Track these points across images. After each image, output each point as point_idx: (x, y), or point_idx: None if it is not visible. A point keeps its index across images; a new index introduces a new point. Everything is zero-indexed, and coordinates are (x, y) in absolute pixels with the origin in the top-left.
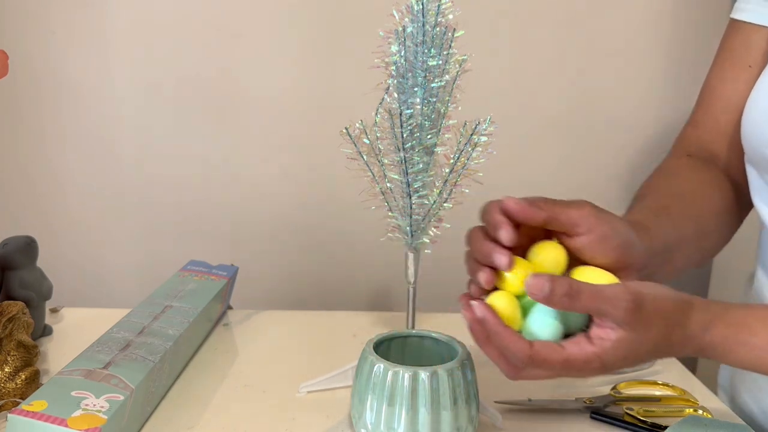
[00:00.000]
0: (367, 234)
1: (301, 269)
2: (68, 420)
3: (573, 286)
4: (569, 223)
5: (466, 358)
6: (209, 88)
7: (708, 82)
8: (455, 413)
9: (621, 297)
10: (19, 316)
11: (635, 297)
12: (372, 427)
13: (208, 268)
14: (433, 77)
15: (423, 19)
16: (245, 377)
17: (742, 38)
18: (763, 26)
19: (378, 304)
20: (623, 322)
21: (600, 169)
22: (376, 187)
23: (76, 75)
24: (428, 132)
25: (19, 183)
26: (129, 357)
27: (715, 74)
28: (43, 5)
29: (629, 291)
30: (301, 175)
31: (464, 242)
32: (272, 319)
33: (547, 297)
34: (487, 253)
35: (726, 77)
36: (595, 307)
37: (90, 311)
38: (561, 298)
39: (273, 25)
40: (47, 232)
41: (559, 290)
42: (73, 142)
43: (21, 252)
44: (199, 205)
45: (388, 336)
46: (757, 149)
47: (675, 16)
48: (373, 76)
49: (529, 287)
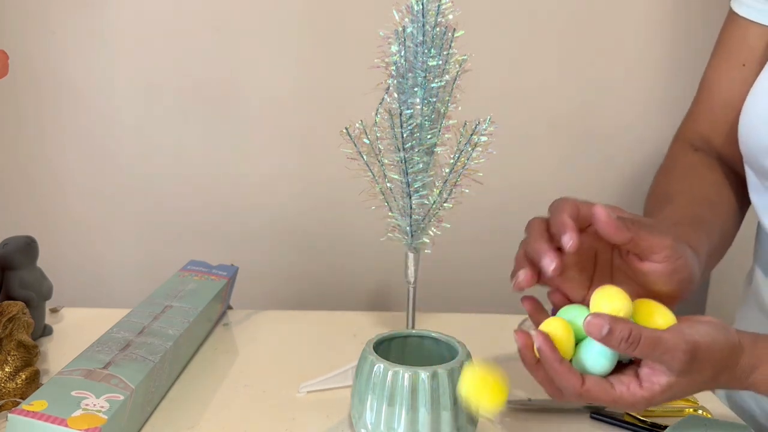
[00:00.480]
0: (367, 234)
1: (301, 269)
2: (68, 420)
3: (633, 332)
4: (648, 249)
5: (466, 358)
6: (209, 88)
7: (706, 74)
8: (455, 413)
9: (678, 348)
10: (19, 316)
11: (692, 348)
12: (372, 427)
13: (208, 268)
14: (433, 77)
15: (423, 19)
16: (245, 377)
17: (738, 33)
18: (759, 24)
19: (378, 304)
20: (677, 371)
21: (600, 168)
22: (376, 187)
23: (76, 75)
24: (428, 132)
25: (19, 183)
26: (129, 357)
27: (713, 67)
28: (43, 5)
29: (686, 341)
30: (302, 175)
31: (463, 245)
32: (272, 319)
33: (605, 339)
34: (540, 251)
35: (722, 71)
36: (653, 355)
37: (90, 311)
38: (620, 342)
39: (273, 26)
40: (47, 232)
41: (619, 335)
42: (73, 142)
43: (21, 252)
44: (199, 205)
45: (388, 336)
46: (754, 155)
47: (677, 16)
48: (373, 76)
49: (588, 326)
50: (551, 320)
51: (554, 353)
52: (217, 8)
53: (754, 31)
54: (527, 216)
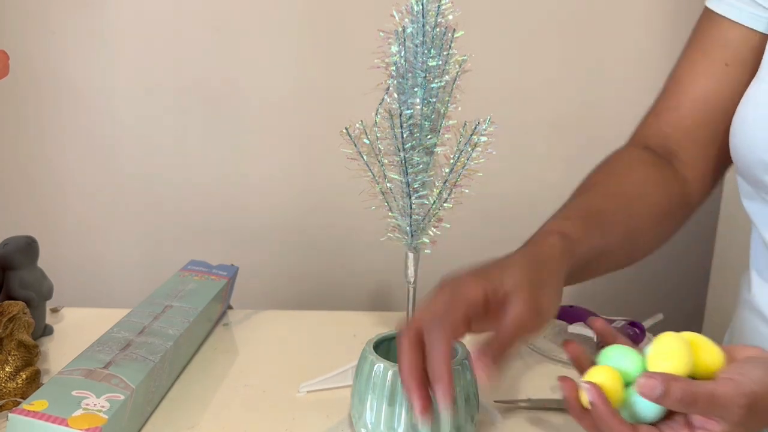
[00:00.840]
0: (367, 234)
1: (301, 269)
2: (69, 419)
3: (687, 392)
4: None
5: (466, 358)
6: (209, 88)
7: (676, 72)
8: (455, 413)
9: (735, 402)
10: (20, 316)
11: (750, 401)
12: (372, 427)
13: (209, 268)
14: (433, 77)
15: (423, 19)
16: (245, 377)
17: (718, 33)
18: (740, 24)
19: (378, 304)
20: (734, 423)
21: None
22: (376, 187)
23: (76, 75)
24: (428, 132)
25: (19, 183)
26: (129, 357)
27: (685, 66)
28: (43, 5)
29: (743, 393)
30: (301, 175)
31: (463, 245)
32: (272, 319)
33: (659, 400)
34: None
35: (697, 71)
36: (709, 412)
37: (90, 311)
38: (674, 402)
39: (273, 26)
40: (47, 232)
41: (674, 395)
42: (73, 142)
43: (21, 252)
44: (199, 205)
45: (388, 336)
46: (749, 168)
47: (677, 16)
48: (373, 76)
49: (641, 388)
50: (598, 369)
51: (608, 407)
52: (217, 8)
53: (735, 31)
54: (527, 216)
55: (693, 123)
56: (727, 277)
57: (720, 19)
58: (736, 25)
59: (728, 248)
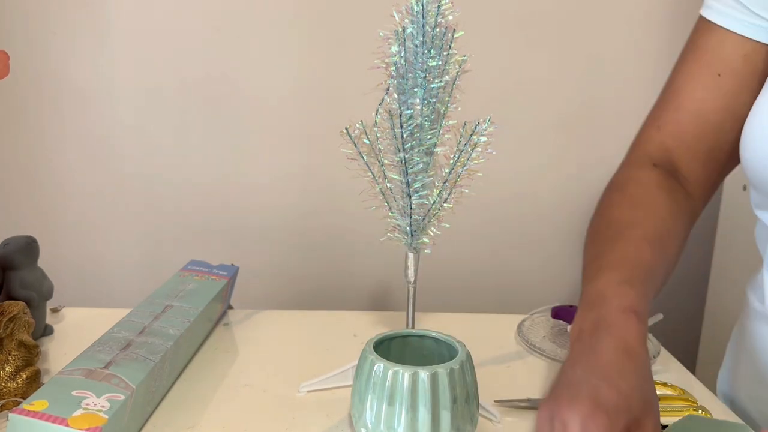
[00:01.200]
0: (367, 234)
1: (301, 269)
2: (69, 419)
3: None
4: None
5: (466, 358)
6: (209, 89)
7: (674, 80)
8: (455, 413)
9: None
10: (20, 316)
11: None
12: (372, 427)
13: (209, 268)
14: (433, 78)
15: (423, 19)
16: (245, 377)
17: (713, 41)
18: (734, 33)
19: (378, 304)
20: None
21: (600, 169)
22: (376, 187)
23: (77, 75)
24: (428, 132)
25: (19, 183)
26: (130, 357)
27: (682, 74)
28: (43, 5)
29: None
30: (301, 175)
31: (463, 245)
32: (272, 319)
33: None
34: None
35: (695, 81)
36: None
37: (90, 311)
38: None
39: (273, 26)
40: (47, 232)
41: None
42: (73, 142)
43: (22, 252)
44: (199, 205)
45: (388, 336)
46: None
47: (677, 16)
48: (373, 77)
49: None
50: None
51: None
52: (217, 8)
53: (730, 40)
54: (526, 216)
55: (693, 137)
56: (727, 277)
57: (713, 26)
58: (729, 33)
59: (728, 248)
